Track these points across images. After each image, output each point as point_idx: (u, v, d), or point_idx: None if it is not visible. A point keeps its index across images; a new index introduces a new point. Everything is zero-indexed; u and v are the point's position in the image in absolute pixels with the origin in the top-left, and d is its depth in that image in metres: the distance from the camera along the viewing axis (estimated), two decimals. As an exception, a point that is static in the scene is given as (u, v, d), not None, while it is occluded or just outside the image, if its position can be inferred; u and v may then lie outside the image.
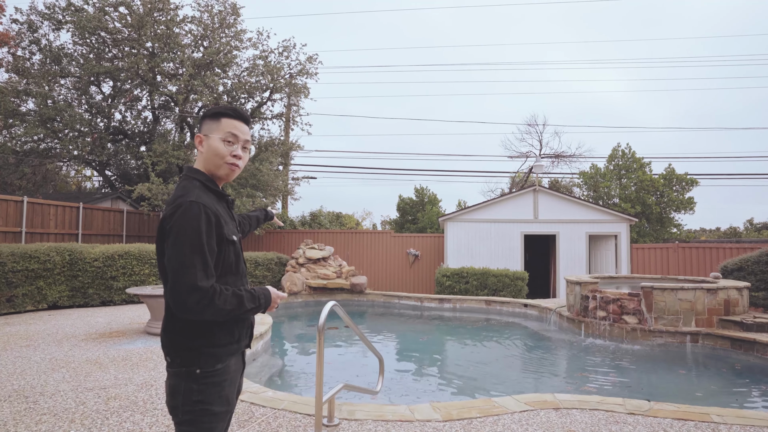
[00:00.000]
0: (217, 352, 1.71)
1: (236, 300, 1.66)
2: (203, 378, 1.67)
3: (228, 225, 1.77)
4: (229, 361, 1.76)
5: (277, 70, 15.70)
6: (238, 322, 1.79)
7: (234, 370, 1.80)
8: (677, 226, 23.53)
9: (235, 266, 1.79)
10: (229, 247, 1.75)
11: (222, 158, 1.81)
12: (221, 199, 1.84)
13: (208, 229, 1.64)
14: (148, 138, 16.71)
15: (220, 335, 1.72)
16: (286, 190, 17.62)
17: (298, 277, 12.67)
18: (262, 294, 1.79)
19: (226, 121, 1.83)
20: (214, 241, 1.66)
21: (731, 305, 7.85)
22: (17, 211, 10.83)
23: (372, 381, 5.76)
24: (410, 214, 24.28)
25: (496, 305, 11.46)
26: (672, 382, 6.00)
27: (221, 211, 1.76)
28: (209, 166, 1.83)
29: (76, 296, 9.65)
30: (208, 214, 1.65)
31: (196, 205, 1.64)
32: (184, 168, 1.83)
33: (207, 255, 1.61)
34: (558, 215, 14.91)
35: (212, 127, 1.82)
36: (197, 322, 1.68)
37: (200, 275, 1.57)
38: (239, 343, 1.81)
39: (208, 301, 1.57)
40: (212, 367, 1.69)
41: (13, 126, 15.25)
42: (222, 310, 1.61)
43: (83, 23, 13.76)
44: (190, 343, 1.69)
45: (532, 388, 5.78)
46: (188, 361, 1.69)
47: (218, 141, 1.80)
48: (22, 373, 4.81)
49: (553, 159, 27.64)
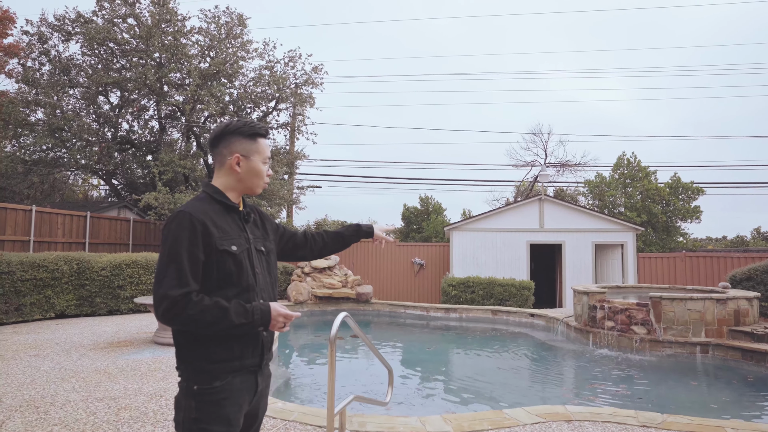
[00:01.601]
0: (213, 368, 1.64)
1: (219, 312, 1.58)
2: (200, 395, 1.62)
3: (227, 235, 1.71)
4: (230, 379, 1.66)
5: (282, 80, 15.81)
6: (239, 337, 1.68)
7: (239, 389, 1.69)
8: (684, 235, 23.43)
9: (236, 278, 1.69)
10: (225, 258, 1.67)
11: (262, 179, 1.85)
12: (230, 210, 1.80)
13: (191, 238, 1.61)
14: (155, 147, 16.81)
15: (216, 350, 1.64)
16: (291, 200, 17.66)
17: (303, 286, 12.67)
18: (258, 309, 1.66)
19: (263, 142, 1.85)
20: (199, 251, 1.62)
21: (741, 315, 7.78)
22: (26, 220, 10.90)
23: (379, 391, 5.73)
24: (415, 223, 24.29)
25: (503, 315, 11.41)
26: (683, 393, 5.95)
27: (220, 221, 1.72)
28: (244, 186, 1.84)
29: (83, 305, 9.67)
30: (193, 222, 1.62)
31: (182, 214, 1.64)
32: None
33: (185, 263, 1.58)
34: (564, 224, 14.88)
35: (251, 148, 1.82)
36: (193, 335, 1.63)
37: (171, 283, 1.54)
38: (241, 361, 1.69)
39: (179, 309, 1.53)
40: (209, 384, 1.62)
41: (23, 136, 15.40)
42: (199, 321, 1.55)
43: (92, 34, 13.91)
44: (187, 356, 1.66)
45: (541, 399, 5.74)
46: (187, 376, 1.66)
47: (261, 164, 1.83)
48: (32, 382, 4.82)
49: (559, 168, 27.65)
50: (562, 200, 17.13)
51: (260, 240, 1.91)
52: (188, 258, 1.60)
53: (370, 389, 5.98)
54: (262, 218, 2.00)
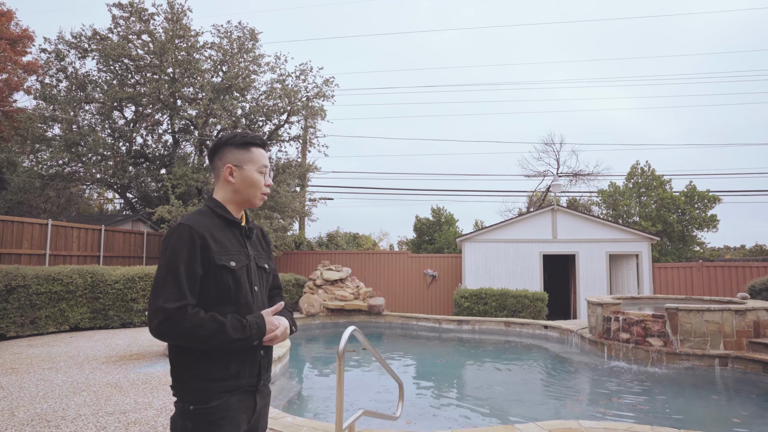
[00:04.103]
0: (209, 387, 1.59)
1: (216, 326, 1.54)
2: (196, 416, 1.57)
3: (226, 250, 1.68)
4: (227, 398, 1.62)
5: (294, 93, 15.95)
6: (236, 355, 1.64)
7: (237, 408, 1.64)
8: (700, 244, 23.01)
9: (234, 295, 1.66)
10: (224, 273, 1.65)
11: (259, 189, 1.81)
12: (230, 225, 1.77)
13: (190, 251, 1.59)
14: (168, 161, 17.02)
15: (212, 368, 1.60)
16: (303, 212, 17.72)
17: (315, 298, 12.65)
18: (255, 324, 1.63)
19: (257, 151, 1.82)
20: (197, 265, 1.59)
21: (762, 327, 7.60)
22: (42, 234, 11.07)
23: (390, 403, 5.68)
24: (427, 234, 24.20)
25: (516, 327, 11.28)
26: (702, 407, 5.80)
27: (220, 235, 1.69)
28: (241, 197, 1.81)
29: (97, 318, 9.75)
30: (192, 236, 1.60)
31: (182, 227, 1.62)
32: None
33: (182, 277, 1.55)
34: (577, 234, 14.72)
35: (243, 157, 1.80)
36: (189, 353, 1.60)
37: (168, 296, 1.52)
38: (237, 380, 1.65)
39: (174, 323, 1.50)
40: (206, 404, 1.58)
41: (40, 151, 15.69)
42: (195, 335, 1.51)
43: (108, 51, 14.20)
44: (182, 375, 1.62)
45: (554, 413, 5.63)
46: (182, 396, 1.61)
47: (255, 173, 1.79)
48: (45, 396, 4.85)
49: (571, 178, 27.42)
50: (575, 210, 16.97)
51: (263, 258, 1.89)
52: (186, 271, 1.57)
53: (381, 402, 5.93)
54: (265, 239, 1.98)
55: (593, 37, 70.17)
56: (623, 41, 63.90)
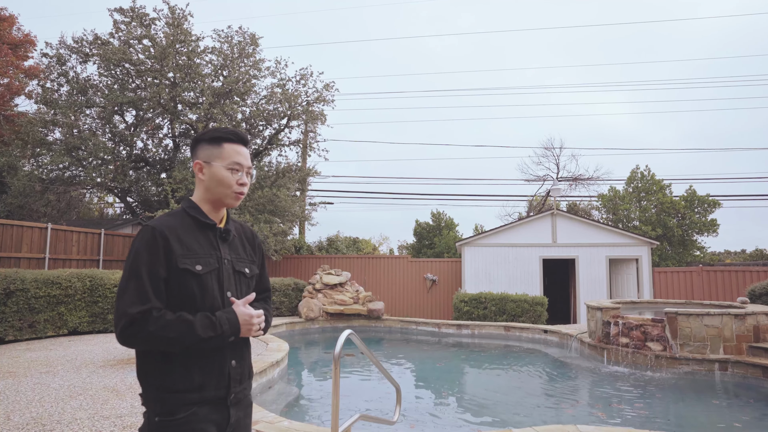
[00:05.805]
0: (170, 398, 1.50)
1: (183, 326, 1.46)
2: (161, 427, 1.49)
3: (192, 253, 1.58)
4: (195, 410, 1.51)
5: (294, 98, 15.99)
6: (201, 365, 1.54)
7: (207, 420, 1.53)
8: (700, 248, 22.99)
9: (200, 301, 1.56)
10: (188, 278, 1.55)
11: (229, 188, 1.68)
12: (203, 227, 1.66)
13: (151, 252, 1.51)
14: (169, 165, 17.04)
15: (173, 379, 1.51)
16: (303, 216, 17.73)
17: (315, 303, 12.64)
18: (226, 319, 1.54)
19: (229, 146, 1.69)
20: (161, 267, 1.51)
21: (762, 331, 7.57)
22: (41, 238, 11.08)
23: (388, 408, 5.66)
24: (427, 238, 24.18)
25: (516, 331, 11.25)
26: (702, 412, 5.78)
27: (188, 237, 1.60)
28: (212, 196, 1.69)
29: (95, 322, 9.74)
30: (155, 237, 1.53)
31: (145, 228, 1.55)
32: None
33: (145, 279, 1.48)
34: (577, 239, 14.71)
35: (213, 153, 1.68)
36: (150, 362, 1.52)
37: (131, 300, 1.45)
38: (202, 392, 1.53)
39: (139, 327, 1.43)
40: (170, 416, 1.49)
41: (40, 155, 15.72)
42: (161, 337, 1.44)
43: (109, 55, 14.25)
44: (144, 382, 1.54)
45: (553, 417, 5.61)
46: (148, 405, 1.54)
47: (223, 170, 1.66)
48: (41, 400, 4.83)
49: (571, 182, 27.42)
50: (575, 214, 16.97)
51: (244, 261, 1.76)
52: (148, 274, 1.50)
53: (379, 406, 5.90)
54: (252, 241, 1.85)
55: (592, 43, 70.40)
56: (623, 47, 64.16)
